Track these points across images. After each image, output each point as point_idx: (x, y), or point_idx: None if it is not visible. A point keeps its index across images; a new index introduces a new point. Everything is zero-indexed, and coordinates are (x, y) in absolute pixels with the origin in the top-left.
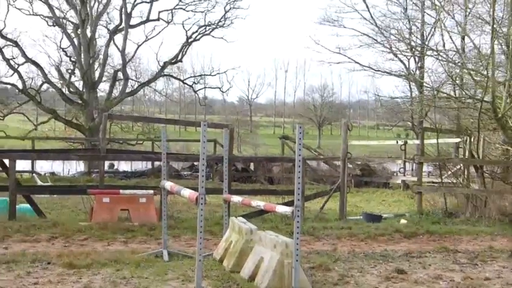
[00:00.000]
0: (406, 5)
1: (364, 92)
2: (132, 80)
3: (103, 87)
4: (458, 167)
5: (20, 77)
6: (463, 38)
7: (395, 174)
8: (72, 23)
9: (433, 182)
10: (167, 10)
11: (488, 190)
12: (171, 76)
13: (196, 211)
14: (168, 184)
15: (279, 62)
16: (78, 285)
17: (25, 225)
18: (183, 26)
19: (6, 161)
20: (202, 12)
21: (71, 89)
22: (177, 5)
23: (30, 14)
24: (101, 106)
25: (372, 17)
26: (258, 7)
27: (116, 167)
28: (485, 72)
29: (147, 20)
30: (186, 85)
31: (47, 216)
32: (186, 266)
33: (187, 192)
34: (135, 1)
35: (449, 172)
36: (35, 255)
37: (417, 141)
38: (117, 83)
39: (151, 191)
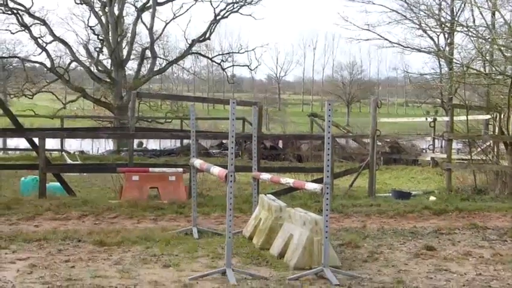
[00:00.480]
0: None
1: (393, 69)
2: (160, 58)
3: (131, 66)
4: (487, 143)
5: (48, 55)
6: (493, 14)
7: (424, 151)
8: (99, 0)
9: (463, 159)
10: None
11: None
12: (199, 54)
13: (225, 189)
14: (198, 162)
15: (307, 39)
16: (108, 262)
17: (55, 204)
18: (211, 3)
19: (36, 140)
20: None
21: (99, 68)
22: None
23: None
24: (129, 84)
25: None
26: None
27: (144, 146)
28: None
29: None
30: (214, 63)
31: (77, 195)
32: (216, 244)
33: (216, 170)
34: None
35: (479, 149)
36: (66, 233)
37: (446, 118)
38: (145, 61)
39: (181, 169)
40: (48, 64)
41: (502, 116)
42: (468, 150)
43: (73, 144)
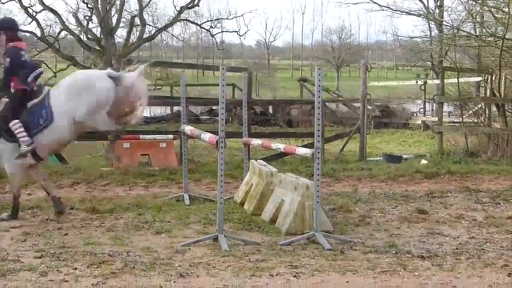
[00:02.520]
0: None
1: (383, 32)
2: (149, 25)
3: (120, 33)
4: (479, 106)
5: (38, 24)
6: None
7: (415, 114)
8: None
9: (454, 122)
10: None
11: (510, 129)
12: (188, 21)
13: (216, 155)
14: (188, 128)
15: (296, 4)
16: (101, 229)
17: (47, 172)
18: None
19: None
20: None
21: (89, 36)
22: None
23: None
24: (118, 52)
25: None
26: None
27: None
28: (506, 10)
29: None
30: (203, 29)
31: (69, 162)
32: (208, 210)
33: (207, 136)
34: None
35: (470, 111)
36: None
37: (437, 81)
38: (134, 28)
39: (171, 136)
40: (39, 33)
41: (493, 78)
42: (459, 113)
43: None
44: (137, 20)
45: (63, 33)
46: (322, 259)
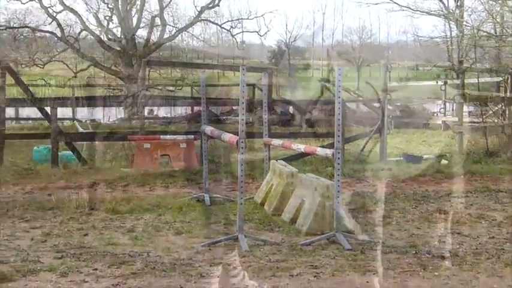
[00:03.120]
0: None
1: (403, 32)
2: (169, 25)
3: (141, 34)
4: (499, 106)
5: (59, 24)
6: None
7: (435, 114)
8: None
9: (474, 122)
10: None
11: None
12: (209, 21)
13: (236, 155)
14: (209, 129)
15: (317, 4)
16: (121, 230)
17: (68, 172)
18: None
19: (48, 109)
20: None
21: (109, 36)
22: None
23: None
24: (139, 53)
25: None
26: None
27: (155, 113)
28: None
29: None
30: (223, 29)
31: (89, 163)
32: (228, 210)
33: (227, 137)
34: None
35: (491, 111)
36: (79, 201)
37: (457, 81)
38: (154, 29)
39: (192, 136)
40: (59, 33)
41: None
42: (480, 113)
43: (84, 113)
44: (158, 20)
45: (84, 33)
46: (343, 259)
